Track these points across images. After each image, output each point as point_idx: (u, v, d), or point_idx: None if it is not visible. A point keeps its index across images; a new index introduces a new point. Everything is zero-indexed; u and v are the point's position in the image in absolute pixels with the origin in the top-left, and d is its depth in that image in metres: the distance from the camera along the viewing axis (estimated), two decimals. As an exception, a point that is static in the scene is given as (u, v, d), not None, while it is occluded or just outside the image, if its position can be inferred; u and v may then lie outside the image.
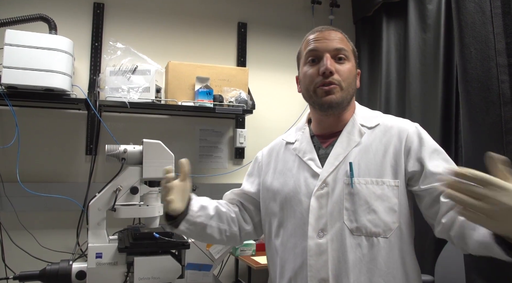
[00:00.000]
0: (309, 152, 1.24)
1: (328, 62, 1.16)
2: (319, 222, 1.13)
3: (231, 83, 2.45)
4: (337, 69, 1.17)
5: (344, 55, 1.19)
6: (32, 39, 1.94)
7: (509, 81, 1.42)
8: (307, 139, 1.28)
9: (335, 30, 1.24)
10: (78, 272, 1.39)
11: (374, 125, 1.21)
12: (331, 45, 1.19)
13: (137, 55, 2.26)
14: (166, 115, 2.56)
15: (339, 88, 1.17)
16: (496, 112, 1.44)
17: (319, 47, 1.19)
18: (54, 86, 1.98)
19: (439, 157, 1.13)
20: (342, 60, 1.19)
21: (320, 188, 1.16)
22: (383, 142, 1.17)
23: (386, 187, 1.12)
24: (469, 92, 1.54)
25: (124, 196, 1.46)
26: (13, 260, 2.09)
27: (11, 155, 2.19)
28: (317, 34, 1.23)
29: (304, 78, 1.22)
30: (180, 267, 1.44)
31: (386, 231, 1.10)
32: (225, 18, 2.74)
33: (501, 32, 1.43)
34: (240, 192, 1.39)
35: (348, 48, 1.22)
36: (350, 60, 1.21)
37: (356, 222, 1.10)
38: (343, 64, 1.19)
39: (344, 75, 1.18)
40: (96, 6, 2.43)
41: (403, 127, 1.18)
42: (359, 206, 1.11)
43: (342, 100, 1.18)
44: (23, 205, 2.19)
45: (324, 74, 1.16)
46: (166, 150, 1.49)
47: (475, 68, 1.50)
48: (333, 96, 1.16)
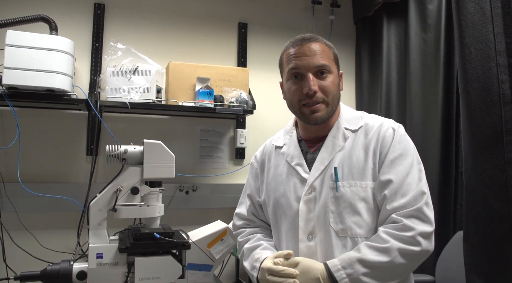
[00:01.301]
0: (297, 157, 1.29)
1: (311, 83, 1.19)
2: (308, 225, 1.20)
3: (231, 83, 2.45)
4: (320, 86, 1.20)
5: (326, 70, 1.21)
6: (33, 39, 1.95)
7: (509, 81, 1.42)
8: (294, 144, 1.32)
9: (314, 40, 1.24)
10: (79, 273, 1.39)
11: (357, 128, 1.25)
12: (312, 62, 1.20)
13: (137, 55, 2.26)
14: (167, 116, 2.56)
15: (324, 106, 1.21)
16: (496, 112, 1.44)
17: (300, 66, 1.21)
18: (55, 87, 1.98)
19: (401, 162, 1.17)
20: (324, 74, 1.22)
21: (308, 192, 1.22)
22: (364, 145, 1.22)
23: (368, 189, 1.17)
24: (469, 92, 1.54)
25: (125, 196, 1.46)
26: (14, 260, 2.09)
27: (12, 156, 2.19)
28: (297, 49, 1.23)
29: (289, 94, 1.27)
30: (180, 267, 1.44)
31: (368, 231, 1.16)
32: (226, 19, 2.75)
33: (501, 32, 1.43)
34: (252, 215, 1.45)
35: (329, 59, 1.23)
36: (332, 71, 1.23)
37: (342, 224, 1.16)
38: (326, 79, 1.21)
39: (328, 90, 1.21)
40: (96, 7, 2.44)
41: (382, 130, 1.22)
42: (344, 208, 1.16)
43: (327, 115, 1.23)
44: (24, 205, 2.19)
45: (307, 94, 1.19)
46: (166, 150, 1.50)
47: (475, 68, 1.50)
48: (318, 114, 1.21)
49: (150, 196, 1.50)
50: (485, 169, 1.46)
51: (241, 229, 1.44)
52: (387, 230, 1.11)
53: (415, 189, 1.13)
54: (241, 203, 1.49)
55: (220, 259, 1.54)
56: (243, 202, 1.47)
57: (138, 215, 1.50)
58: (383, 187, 1.15)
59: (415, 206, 1.11)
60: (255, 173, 1.44)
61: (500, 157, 1.42)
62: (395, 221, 1.11)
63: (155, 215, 1.50)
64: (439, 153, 2.11)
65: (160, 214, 1.53)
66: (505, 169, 1.41)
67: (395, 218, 1.11)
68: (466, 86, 1.55)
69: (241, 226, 1.45)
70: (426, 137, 2.24)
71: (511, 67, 1.42)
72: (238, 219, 1.47)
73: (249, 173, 1.48)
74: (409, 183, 1.14)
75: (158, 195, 1.52)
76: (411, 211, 1.10)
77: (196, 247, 1.48)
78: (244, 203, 1.47)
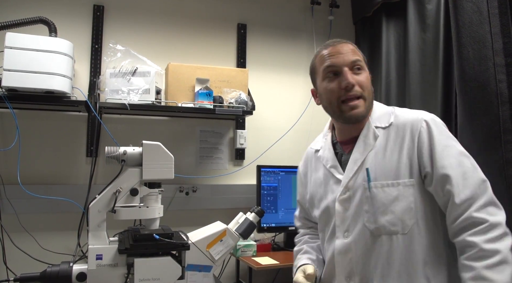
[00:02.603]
0: (331, 160, 1.34)
1: (349, 76, 1.21)
2: (344, 224, 1.26)
3: (231, 84, 2.46)
4: (357, 81, 1.22)
5: (360, 66, 1.25)
6: (32, 41, 1.95)
7: (507, 81, 1.42)
8: (328, 147, 1.37)
9: (345, 42, 1.30)
10: (79, 274, 1.39)
11: (388, 124, 1.26)
12: (347, 58, 1.24)
13: (137, 57, 2.27)
14: (166, 117, 2.57)
15: (363, 101, 1.23)
16: (493, 112, 1.44)
17: (336, 63, 1.24)
18: (54, 89, 1.98)
19: (449, 153, 1.15)
20: (359, 70, 1.25)
21: (343, 193, 1.27)
22: (397, 142, 1.22)
23: (402, 188, 1.18)
24: (466, 92, 1.54)
25: (124, 198, 1.46)
26: (14, 262, 2.10)
27: (12, 157, 2.19)
28: (331, 49, 1.27)
29: (326, 94, 1.27)
30: (180, 268, 1.44)
31: (404, 227, 1.17)
32: (225, 20, 2.75)
33: (498, 32, 1.43)
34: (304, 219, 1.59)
35: (361, 58, 1.28)
36: (365, 68, 1.28)
37: (375, 223, 1.19)
38: (361, 74, 1.25)
39: (364, 85, 1.24)
40: (96, 9, 2.44)
41: (415, 125, 1.21)
42: (377, 208, 1.19)
43: (367, 111, 1.26)
44: (24, 207, 2.20)
45: (347, 88, 1.21)
46: (165, 152, 1.50)
47: (473, 68, 1.51)
48: (358, 110, 1.23)
49: (150, 197, 1.50)
50: (483, 168, 1.46)
51: (298, 230, 1.61)
52: (484, 237, 1.05)
53: (475, 177, 1.12)
54: (297, 206, 1.62)
55: (219, 260, 1.54)
56: (297, 207, 1.61)
57: (137, 216, 1.50)
58: (443, 183, 1.13)
59: (485, 194, 1.10)
60: (300, 179, 1.55)
61: (498, 156, 1.42)
62: (480, 222, 1.06)
63: (154, 216, 1.50)
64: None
65: (160, 215, 1.53)
66: (504, 168, 1.41)
67: (477, 218, 1.07)
68: (463, 86, 1.56)
69: (298, 227, 1.62)
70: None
71: (508, 67, 1.42)
72: (296, 221, 1.63)
73: (297, 178, 1.58)
74: (465, 172, 1.12)
75: (157, 196, 1.52)
76: (485, 201, 1.09)
77: (195, 248, 1.48)
78: (298, 207, 1.60)
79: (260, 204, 2.44)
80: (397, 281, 1.17)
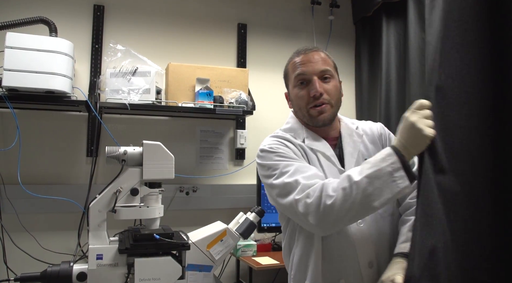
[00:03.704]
0: (329, 150, 1.35)
1: (317, 85, 1.30)
2: None
3: (231, 84, 2.46)
4: (325, 89, 1.32)
5: (329, 75, 1.34)
6: (32, 41, 1.95)
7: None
8: (318, 138, 1.38)
9: (317, 50, 1.37)
10: (79, 274, 1.39)
11: (356, 127, 1.42)
12: (317, 67, 1.32)
13: (137, 57, 2.27)
14: (167, 117, 2.57)
15: (329, 106, 1.33)
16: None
17: (306, 71, 1.33)
18: (54, 89, 1.99)
19: None
20: (328, 79, 1.34)
21: None
22: (375, 140, 1.40)
23: None
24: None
25: (125, 198, 1.45)
26: (14, 261, 2.10)
27: (12, 157, 2.19)
28: (302, 57, 1.35)
29: (297, 100, 1.37)
30: (180, 268, 1.44)
31: (395, 206, 1.32)
32: (225, 20, 2.75)
33: None
34: None
35: (331, 66, 1.36)
36: (334, 76, 1.36)
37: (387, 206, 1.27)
38: (329, 83, 1.34)
39: (332, 93, 1.33)
40: (96, 8, 2.44)
41: (379, 128, 1.44)
42: None
43: (333, 116, 1.36)
44: (24, 207, 2.20)
45: (315, 96, 1.30)
46: (166, 151, 1.50)
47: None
48: (325, 114, 1.32)
49: (150, 197, 1.50)
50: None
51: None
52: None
53: None
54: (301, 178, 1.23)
55: (220, 260, 1.54)
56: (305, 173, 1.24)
57: (138, 216, 1.50)
58: None
59: None
60: (293, 152, 1.33)
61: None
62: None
63: (155, 216, 1.50)
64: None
65: (160, 215, 1.53)
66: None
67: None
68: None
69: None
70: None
71: None
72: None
73: (288, 153, 1.32)
74: None
75: (157, 196, 1.52)
76: None
77: (196, 248, 1.48)
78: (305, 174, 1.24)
79: (260, 203, 2.44)
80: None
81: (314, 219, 1.13)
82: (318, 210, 1.12)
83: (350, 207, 1.09)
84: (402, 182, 1.05)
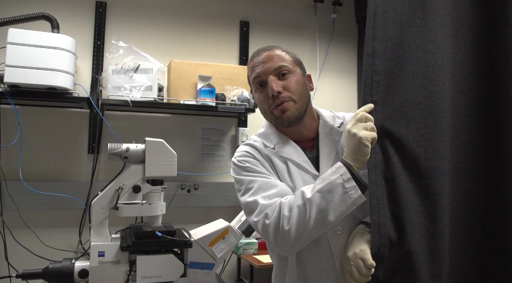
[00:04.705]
0: (301, 154, 1.28)
1: (273, 84, 1.22)
2: None
3: (233, 81, 2.45)
4: (283, 86, 1.24)
5: (286, 70, 1.25)
6: (34, 38, 1.95)
7: None
8: (290, 143, 1.30)
9: (270, 49, 1.29)
10: (81, 271, 1.39)
11: (339, 124, 1.31)
12: (271, 66, 1.25)
13: (139, 53, 2.26)
14: (169, 114, 2.56)
15: (292, 103, 1.24)
16: None
17: (260, 73, 1.26)
18: (56, 85, 1.98)
19: None
20: (286, 75, 1.25)
21: None
22: None
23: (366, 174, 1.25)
24: None
25: (127, 195, 1.45)
26: (16, 258, 2.10)
27: (14, 154, 2.19)
28: (256, 59, 1.29)
29: (259, 103, 1.30)
30: (182, 265, 1.43)
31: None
32: (228, 17, 2.74)
33: None
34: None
35: (288, 62, 1.27)
36: (294, 71, 1.27)
37: (363, 212, 1.18)
38: (288, 79, 1.25)
39: (292, 89, 1.24)
40: (98, 5, 2.43)
41: None
42: None
43: (299, 112, 1.25)
44: (26, 204, 2.20)
45: (273, 96, 1.23)
46: (168, 149, 1.49)
47: None
48: (288, 112, 1.24)
49: (152, 194, 1.50)
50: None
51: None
52: None
53: None
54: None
55: (222, 258, 1.54)
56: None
57: (139, 213, 1.50)
58: None
59: None
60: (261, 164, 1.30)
61: None
62: None
63: (157, 213, 1.50)
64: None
65: (162, 212, 1.52)
66: None
67: None
68: None
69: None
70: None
71: None
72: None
73: (254, 164, 1.30)
74: None
75: (160, 193, 1.52)
76: None
77: (198, 246, 1.48)
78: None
79: (262, 202, 2.44)
80: None
81: (274, 241, 1.15)
82: (277, 232, 1.13)
83: (306, 225, 1.09)
84: (354, 192, 1.06)
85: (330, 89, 2.96)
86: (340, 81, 3.00)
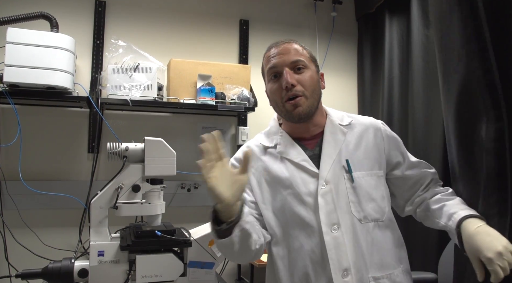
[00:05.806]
0: (300, 154, 1.29)
1: (288, 76, 1.23)
2: (330, 217, 1.21)
3: (233, 80, 2.45)
4: (298, 80, 1.25)
5: (302, 65, 1.27)
6: (33, 37, 1.94)
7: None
8: (291, 142, 1.32)
9: (289, 42, 1.31)
10: (80, 270, 1.39)
11: (348, 123, 1.34)
12: (288, 59, 1.26)
13: (138, 53, 2.26)
14: (168, 113, 2.56)
15: (304, 99, 1.25)
16: None
17: (277, 64, 1.26)
18: (56, 84, 1.98)
19: (406, 151, 1.39)
20: (301, 69, 1.26)
21: (323, 185, 1.24)
22: (364, 138, 1.32)
23: (376, 178, 1.28)
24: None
25: (126, 194, 1.45)
26: (15, 258, 2.09)
27: (13, 153, 2.19)
28: (273, 50, 1.30)
29: (272, 94, 1.30)
30: (182, 265, 1.44)
31: (383, 214, 1.26)
32: (227, 15, 2.74)
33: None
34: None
35: (305, 57, 1.29)
36: (309, 67, 1.29)
37: (363, 212, 1.23)
38: (303, 74, 1.26)
39: (306, 84, 1.25)
40: (97, 4, 2.43)
41: (376, 126, 1.36)
42: (362, 197, 1.24)
43: (310, 109, 1.26)
44: (26, 203, 2.19)
45: (287, 88, 1.23)
46: (168, 148, 1.49)
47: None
48: (300, 108, 1.24)
49: (152, 193, 1.50)
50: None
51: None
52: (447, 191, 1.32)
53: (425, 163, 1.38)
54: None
55: (221, 257, 1.54)
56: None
57: (139, 212, 1.50)
58: (412, 167, 1.35)
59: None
60: (255, 173, 1.34)
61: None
62: (442, 190, 1.33)
63: (156, 212, 1.50)
64: (442, 149, 2.09)
65: (162, 211, 1.52)
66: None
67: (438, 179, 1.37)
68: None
69: None
70: (428, 134, 2.22)
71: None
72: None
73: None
74: (420, 161, 1.38)
75: (159, 192, 1.52)
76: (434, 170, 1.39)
77: (197, 245, 1.48)
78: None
79: (262, 201, 2.44)
80: (384, 268, 1.22)
81: None
82: None
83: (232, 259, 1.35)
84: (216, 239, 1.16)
85: (330, 88, 2.95)
86: (340, 80, 3.00)
